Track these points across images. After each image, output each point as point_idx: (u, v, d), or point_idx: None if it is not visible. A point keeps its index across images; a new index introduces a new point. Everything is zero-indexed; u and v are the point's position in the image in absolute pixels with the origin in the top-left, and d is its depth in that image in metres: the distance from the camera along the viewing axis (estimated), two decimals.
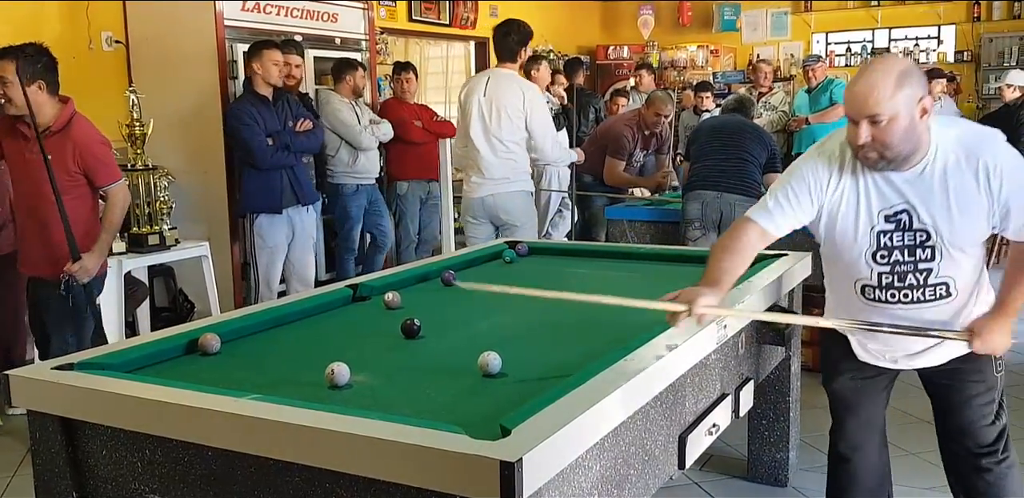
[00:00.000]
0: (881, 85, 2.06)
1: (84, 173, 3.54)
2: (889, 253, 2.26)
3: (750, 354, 2.73)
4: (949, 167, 2.18)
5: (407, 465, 1.50)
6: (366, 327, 2.58)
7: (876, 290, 2.32)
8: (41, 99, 3.45)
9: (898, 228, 2.24)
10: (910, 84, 2.09)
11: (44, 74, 3.46)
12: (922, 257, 2.25)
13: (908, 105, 2.08)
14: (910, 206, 2.21)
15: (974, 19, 9.38)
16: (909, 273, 2.27)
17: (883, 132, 2.09)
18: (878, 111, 2.06)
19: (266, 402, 1.72)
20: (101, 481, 1.90)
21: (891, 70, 2.09)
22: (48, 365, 2.03)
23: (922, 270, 2.26)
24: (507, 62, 4.67)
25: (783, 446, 3.26)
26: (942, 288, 2.27)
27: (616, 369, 1.89)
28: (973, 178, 2.17)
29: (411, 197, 6.15)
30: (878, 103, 2.06)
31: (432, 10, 8.33)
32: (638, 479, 1.94)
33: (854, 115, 2.12)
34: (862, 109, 2.09)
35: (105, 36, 5.34)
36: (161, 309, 5.39)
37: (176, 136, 5.19)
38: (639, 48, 10.60)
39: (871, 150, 2.12)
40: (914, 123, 2.11)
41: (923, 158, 2.18)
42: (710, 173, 4.53)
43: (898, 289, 2.29)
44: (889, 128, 2.08)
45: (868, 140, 2.11)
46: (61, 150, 3.47)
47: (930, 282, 2.27)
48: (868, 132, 2.10)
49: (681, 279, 3.08)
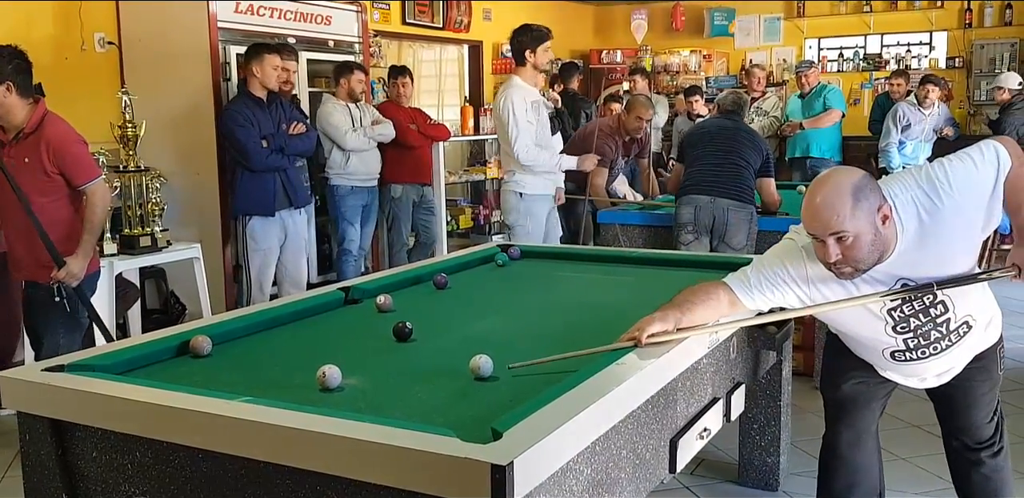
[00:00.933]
0: (838, 204, 2.07)
1: (61, 173, 3.49)
2: (907, 322, 2.30)
3: (741, 358, 2.73)
4: (923, 227, 2.18)
5: (398, 468, 1.49)
6: (358, 330, 2.58)
7: (907, 352, 2.36)
8: (10, 101, 3.41)
9: (905, 300, 2.26)
10: (866, 197, 2.09)
11: (14, 76, 3.40)
12: (938, 313, 2.28)
13: (869, 219, 2.10)
14: (906, 279, 2.22)
15: (966, 25, 9.42)
16: (932, 330, 2.30)
17: (851, 249, 2.11)
18: (843, 229, 2.08)
19: (257, 405, 1.72)
20: (91, 483, 1.89)
21: (844, 187, 2.09)
22: (38, 366, 2.03)
23: (941, 323, 2.30)
24: (518, 66, 4.77)
25: (774, 450, 3.27)
26: (964, 328, 2.32)
27: (607, 373, 1.90)
28: (944, 209, 2.16)
29: (404, 200, 6.15)
30: (841, 223, 2.07)
31: (426, 13, 8.33)
32: (629, 483, 1.94)
33: (819, 234, 2.12)
34: (826, 229, 2.09)
35: (98, 37, 5.33)
36: (152, 311, 5.38)
37: (168, 138, 5.18)
38: (632, 52, 10.62)
39: (844, 265, 2.14)
40: (878, 232, 2.12)
41: (895, 245, 2.19)
42: (704, 178, 4.53)
43: (927, 346, 2.33)
44: (856, 244, 2.10)
45: (839, 257, 2.12)
46: (35, 151, 3.44)
47: (952, 328, 2.31)
48: (837, 249, 2.11)
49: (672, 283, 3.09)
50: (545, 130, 4.83)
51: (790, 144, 7.66)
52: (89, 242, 3.55)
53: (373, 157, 5.81)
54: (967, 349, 2.38)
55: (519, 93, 4.65)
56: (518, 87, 4.68)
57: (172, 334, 2.32)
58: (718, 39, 10.47)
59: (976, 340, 2.38)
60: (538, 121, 4.74)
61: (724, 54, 10.61)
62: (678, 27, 10.53)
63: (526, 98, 4.66)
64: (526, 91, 4.69)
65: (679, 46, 10.59)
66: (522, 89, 4.68)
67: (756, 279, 2.32)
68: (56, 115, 3.57)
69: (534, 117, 4.69)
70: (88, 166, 3.58)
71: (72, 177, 3.52)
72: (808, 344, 4.47)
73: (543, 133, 4.80)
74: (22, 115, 3.46)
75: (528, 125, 4.65)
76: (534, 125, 4.69)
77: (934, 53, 9.60)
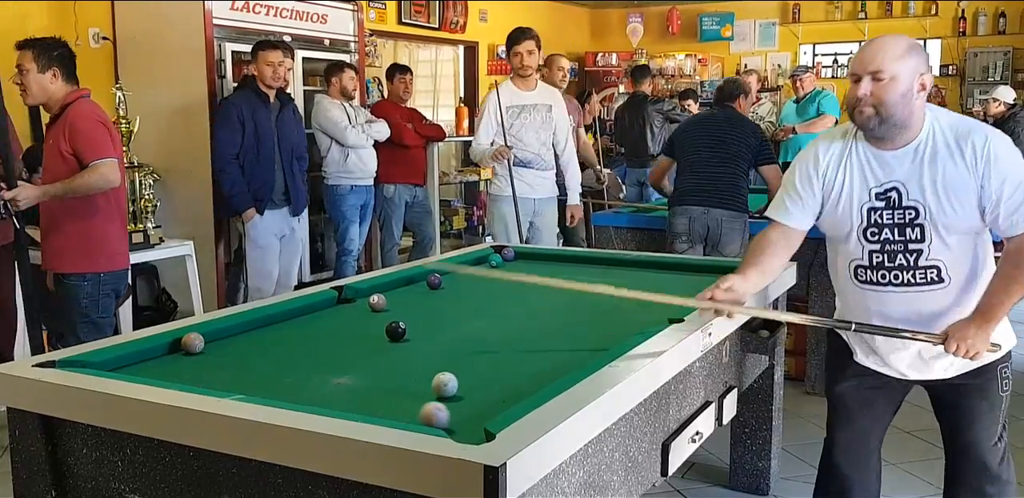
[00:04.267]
0: (890, 46, 2.20)
1: (74, 153, 3.44)
2: (879, 230, 2.30)
3: (734, 363, 2.73)
4: (940, 149, 2.23)
5: (390, 468, 1.49)
6: (351, 329, 2.57)
7: (868, 271, 2.33)
8: (55, 86, 3.47)
9: (888, 206, 2.28)
10: (916, 56, 2.22)
11: (59, 63, 3.49)
12: (912, 237, 2.27)
13: (910, 73, 2.19)
14: (900, 183, 2.26)
15: (959, 34, 9.47)
16: (899, 253, 2.29)
17: (882, 89, 2.18)
18: (883, 68, 2.17)
19: (249, 403, 1.71)
20: (81, 480, 1.88)
21: (902, 40, 2.24)
22: (29, 362, 2.01)
23: (912, 251, 2.28)
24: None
25: (765, 455, 3.27)
26: (932, 272, 2.28)
27: (601, 375, 1.89)
28: (963, 162, 2.21)
29: (397, 200, 6.14)
30: (884, 61, 2.17)
31: (422, 13, 8.32)
32: (621, 485, 1.94)
33: (859, 71, 2.22)
34: (868, 64, 2.19)
35: (92, 32, 5.32)
36: (144, 308, 5.36)
37: (162, 134, 5.17)
38: (627, 55, 10.64)
39: (867, 105, 2.20)
40: (912, 92, 2.20)
41: (915, 137, 2.25)
42: (698, 187, 4.48)
43: (888, 269, 2.31)
44: (889, 86, 2.17)
45: (867, 93, 2.19)
46: (59, 133, 3.44)
47: (920, 264, 2.28)
48: (869, 87, 2.19)
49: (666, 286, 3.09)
50: (522, 130, 4.84)
51: (783, 148, 7.68)
52: (59, 188, 3.41)
53: (370, 155, 5.81)
54: (934, 314, 2.29)
55: (488, 96, 4.86)
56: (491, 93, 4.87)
57: (164, 331, 2.31)
58: (714, 43, 10.50)
59: (946, 308, 2.29)
60: (512, 121, 4.81)
61: (719, 58, 10.64)
62: (674, 31, 10.56)
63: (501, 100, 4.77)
64: (507, 93, 4.82)
65: (674, 50, 10.61)
66: (490, 95, 4.86)
67: (787, 199, 2.42)
68: (91, 101, 3.58)
69: (502, 118, 4.76)
70: (101, 145, 3.48)
71: (81, 153, 3.44)
72: (800, 349, 4.48)
73: (518, 133, 4.84)
74: (58, 94, 3.49)
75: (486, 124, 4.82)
76: (493, 125, 4.80)
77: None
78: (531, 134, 4.85)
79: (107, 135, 3.54)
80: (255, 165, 4.86)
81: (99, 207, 3.56)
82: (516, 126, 4.82)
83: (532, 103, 4.86)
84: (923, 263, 2.27)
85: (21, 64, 3.45)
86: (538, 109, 4.88)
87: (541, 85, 4.99)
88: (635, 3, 10.63)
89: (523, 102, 4.85)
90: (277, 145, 4.91)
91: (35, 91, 3.47)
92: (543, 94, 4.94)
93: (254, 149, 4.84)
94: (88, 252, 3.57)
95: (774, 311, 2.95)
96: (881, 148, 2.28)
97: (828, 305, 4.30)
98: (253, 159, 4.85)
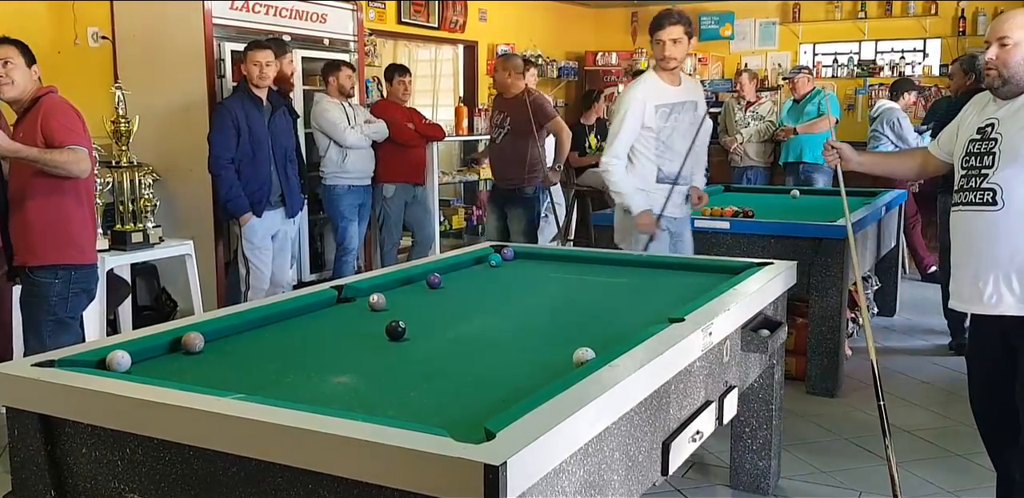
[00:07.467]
0: (1018, 16, 2.58)
1: (47, 143, 3.34)
2: (970, 158, 2.67)
3: (734, 362, 2.73)
4: None
5: (390, 467, 1.49)
6: (351, 328, 2.57)
7: (958, 194, 2.68)
8: (34, 83, 3.48)
9: (982, 138, 2.65)
10: None
11: (35, 63, 3.51)
12: (986, 163, 2.61)
13: None
14: (996, 120, 2.63)
15: (959, 33, 9.46)
16: (974, 176, 2.64)
17: (1006, 53, 2.56)
18: (1008, 34, 2.55)
19: (249, 402, 1.71)
20: (80, 480, 1.88)
21: None
22: (28, 362, 2.01)
23: (982, 174, 2.62)
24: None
25: (765, 454, 3.27)
26: (989, 194, 2.59)
27: (601, 374, 1.89)
28: None
29: (396, 200, 6.13)
30: (1010, 28, 2.55)
31: (421, 13, 8.32)
32: (621, 485, 1.93)
33: (990, 38, 2.61)
34: (997, 31, 2.58)
35: (91, 32, 5.31)
36: (143, 307, 5.35)
37: (161, 134, 5.17)
38: (628, 55, 10.64)
39: (993, 68, 2.58)
40: None
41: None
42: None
43: (965, 192, 2.66)
44: (1012, 51, 2.55)
45: (993, 57, 2.57)
46: (32, 125, 3.39)
47: (982, 186, 2.61)
48: (995, 52, 2.57)
49: (666, 285, 3.09)
50: (673, 134, 4.01)
51: (784, 149, 7.67)
52: (34, 153, 3.26)
53: (368, 156, 5.81)
54: (986, 228, 2.58)
55: (638, 91, 4.04)
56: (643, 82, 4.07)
57: (164, 331, 2.31)
58: (714, 42, 10.49)
59: (993, 231, 2.56)
60: (661, 124, 3.98)
61: (720, 58, 10.64)
62: None
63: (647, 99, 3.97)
64: (653, 89, 4.02)
65: None
66: (648, 86, 4.04)
67: (941, 139, 2.94)
68: (60, 96, 3.54)
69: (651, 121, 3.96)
70: (77, 134, 3.40)
71: (57, 137, 3.33)
72: (800, 349, 4.47)
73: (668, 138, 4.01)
74: (30, 89, 3.47)
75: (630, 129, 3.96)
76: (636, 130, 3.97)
77: (927, 60, 9.64)
78: (681, 140, 4.01)
79: (82, 127, 3.50)
80: (250, 168, 4.84)
81: (67, 192, 3.48)
82: (667, 130, 3.97)
83: (680, 100, 4.02)
84: (984, 185, 2.60)
85: (8, 57, 3.41)
86: (686, 107, 4.04)
87: (685, 78, 4.17)
88: (635, 3, 10.62)
89: (671, 100, 4.00)
90: (271, 148, 4.90)
91: (20, 82, 3.40)
92: (689, 89, 4.13)
93: (249, 152, 4.81)
94: (56, 242, 3.47)
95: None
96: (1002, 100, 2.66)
97: (828, 305, 4.32)
98: (248, 162, 4.83)
